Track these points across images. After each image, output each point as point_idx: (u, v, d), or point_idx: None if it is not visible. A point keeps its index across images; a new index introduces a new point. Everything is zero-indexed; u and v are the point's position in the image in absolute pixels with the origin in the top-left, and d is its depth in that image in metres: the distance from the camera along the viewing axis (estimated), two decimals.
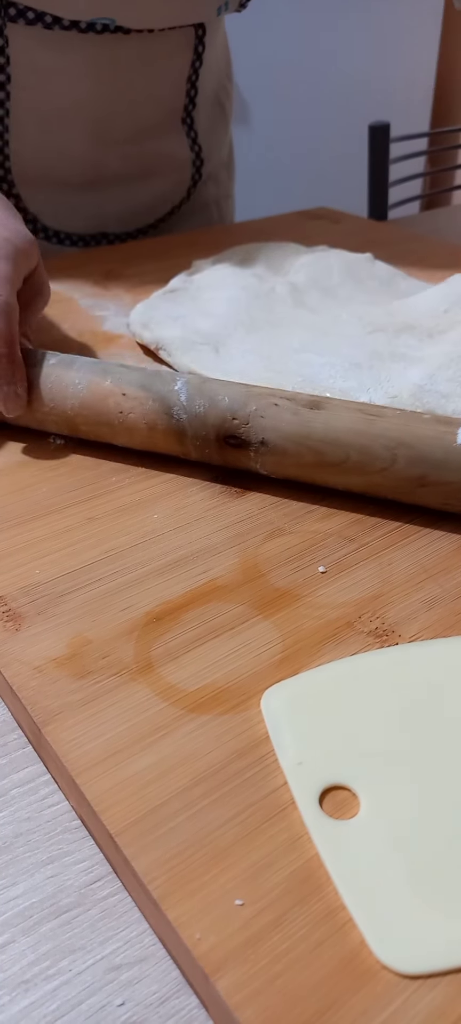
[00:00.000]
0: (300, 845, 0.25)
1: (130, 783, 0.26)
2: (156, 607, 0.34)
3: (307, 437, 0.40)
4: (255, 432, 0.41)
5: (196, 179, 0.88)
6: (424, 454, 0.38)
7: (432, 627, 0.33)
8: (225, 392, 0.42)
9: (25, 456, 0.45)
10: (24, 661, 0.31)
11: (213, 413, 0.42)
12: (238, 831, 0.25)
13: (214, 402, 0.42)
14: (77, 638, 0.32)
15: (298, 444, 0.40)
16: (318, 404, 0.41)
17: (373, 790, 0.26)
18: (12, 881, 0.25)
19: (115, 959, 0.23)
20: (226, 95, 0.91)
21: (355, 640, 0.32)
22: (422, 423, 0.39)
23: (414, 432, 0.38)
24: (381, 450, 0.39)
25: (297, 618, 0.33)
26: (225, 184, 0.96)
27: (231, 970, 0.22)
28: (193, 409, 0.42)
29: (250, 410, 0.41)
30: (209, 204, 0.93)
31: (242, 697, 0.30)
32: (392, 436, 0.39)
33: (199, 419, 0.42)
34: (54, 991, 0.23)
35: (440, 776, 0.26)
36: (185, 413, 0.42)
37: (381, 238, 0.83)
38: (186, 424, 0.42)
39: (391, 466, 0.39)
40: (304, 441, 0.40)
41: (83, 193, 0.80)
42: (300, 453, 0.40)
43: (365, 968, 0.22)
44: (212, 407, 0.42)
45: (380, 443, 0.39)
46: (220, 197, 0.95)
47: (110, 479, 0.43)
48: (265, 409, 0.41)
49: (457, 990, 0.21)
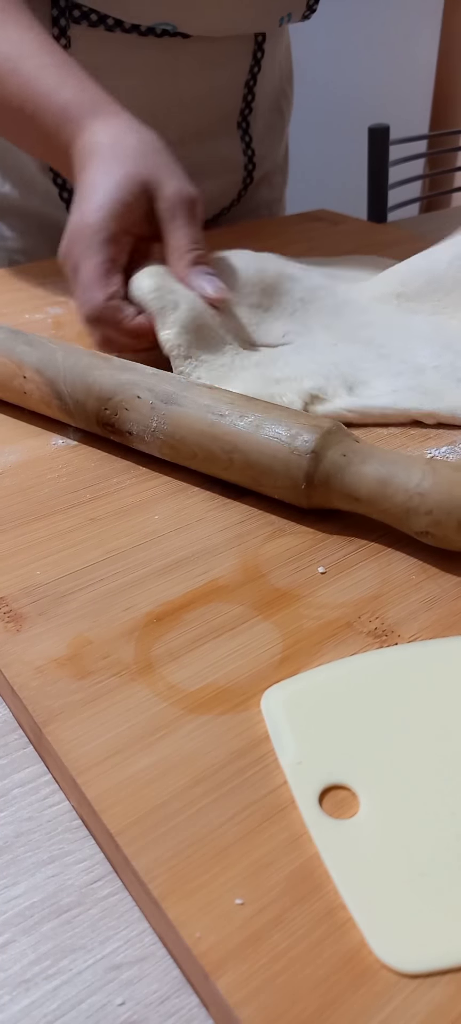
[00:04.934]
0: (300, 844, 0.25)
1: (130, 783, 0.27)
2: (157, 607, 0.34)
3: (162, 432, 0.42)
4: (122, 423, 0.43)
5: (247, 182, 0.88)
6: (253, 460, 0.39)
7: (432, 627, 0.33)
8: (98, 379, 0.44)
9: (27, 457, 0.45)
10: (25, 661, 0.31)
11: (90, 401, 0.44)
12: (238, 830, 0.25)
13: (89, 389, 0.44)
14: (78, 638, 0.32)
15: (155, 438, 0.42)
16: (173, 399, 0.42)
17: (373, 789, 0.26)
18: (13, 880, 0.25)
19: (115, 958, 0.23)
20: (286, 100, 0.91)
21: (355, 640, 0.33)
22: (257, 427, 0.39)
23: (246, 438, 0.39)
24: (220, 452, 0.40)
25: (297, 618, 0.34)
26: (279, 188, 0.96)
27: (231, 969, 0.22)
28: (75, 395, 0.45)
29: (117, 400, 0.43)
30: (260, 207, 0.93)
31: (242, 697, 0.30)
32: (228, 440, 0.40)
33: (80, 405, 0.45)
34: (54, 990, 0.23)
35: (440, 776, 0.27)
36: (70, 399, 0.45)
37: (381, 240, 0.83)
38: (72, 409, 0.45)
39: (230, 466, 0.40)
40: (159, 436, 0.42)
41: None
42: (159, 446, 0.42)
43: (365, 967, 0.22)
44: (88, 395, 0.44)
45: (218, 445, 0.40)
46: (272, 201, 0.95)
47: (111, 480, 0.43)
48: (129, 401, 0.43)
49: (456, 989, 0.21)
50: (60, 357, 0.46)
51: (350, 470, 0.37)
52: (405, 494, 0.36)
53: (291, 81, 0.93)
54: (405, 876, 0.24)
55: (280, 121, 0.91)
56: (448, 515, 0.35)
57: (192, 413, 0.41)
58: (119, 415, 0.43)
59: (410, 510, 0.36)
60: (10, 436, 0.47)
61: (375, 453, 0.38)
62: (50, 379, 0.45)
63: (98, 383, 0.44)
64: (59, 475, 0.43)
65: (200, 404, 0.41)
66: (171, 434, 0.41)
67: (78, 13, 0.70)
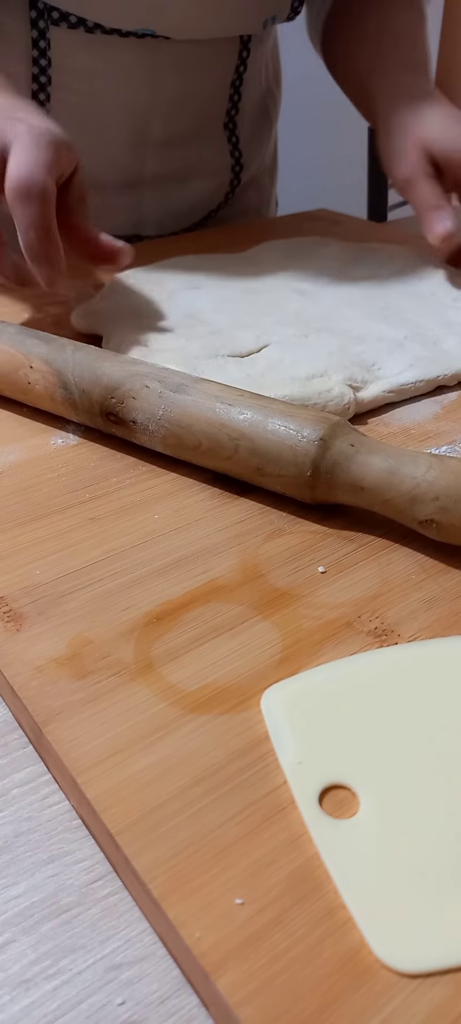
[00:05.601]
0: (300, 844, 0.25)
1: (130, 783, 0.27)
2: (156, 607, 0.34)
3: (168, 420, 0.42)
4: (127, 411, 0.43)
5: (235, 184, 0.87)
6: (259, 447, 0.40)
7: (431, 627, 0.33)
8: (107, 370, 0.44)
9: (26, 456, 0.45)
10: (25, 661, 0.31)
11: (96, 390, 0.44)
12: (238, 830, 0.25)
13: (97, 379, 0.44)
14: (78, 638, 0.32)
15: (160, 426, 0.42)
16: (183, 388, 0.42)
17: (373, 789, 0.26)
18: (13, 880, 0.25)
19: (115, 958, 0.23)
20: (273, 101, 0.91)
21: (355, 640, 0.33)
22: (265, 415, 0.40)
23: (253, 425, 0.40)
24: (226, 439, 0.41)
25: (297, 618, 0.34)
26: (267, 190, 0.96)
27: (231, 968, 0.22)
28: (82, 385, 0.45)
29: (124, 390, 0.43)
30: (249, 210, 0.93)
31: (242, 697, 0.30)
32: (235, 427, 0.40)
33: (86, 395, 0.45)
34: (54, 990, 0.23)
35: (440, 775, 0.27)
36: (76, 389, 0.45)
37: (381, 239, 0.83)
38: (77, 400, 0.45)
39: (234, 455, 0.40)
40: (165, 424, 0.42)
41: (120, 195, 0.80)
42: (164, 435, 0.43)
43: (365, 967, 0.22)
44: (96, 384, 0.44)
45: (225, 432, 0.41)
46: (261, 203, 0.95)
47: (111, 480, 0.43)
48: (137, 391, 0.43)
49: (456, 989, 0.21)
50: (70, 350, 0.46)
51: (357, 459, 0.38)
52: (412, 481, 0.36)
53: (279, 81, 0.93)
54: (405, 876, 0.24)
55: (267, 122, 0.90)
56: (455, 503, 0.35)
57: (201, 401, 0.42)
58: (125, 404, 0.43)
59: (416, 497, 0.36)
60: (10, 435, 0.47)
61: (382, 446, 0.39)
62: (58, 369, 0.46)
63: (107, 373, 0.44)
64: (59, 474, 0.43)
65: (209, 394, 0.42)
66: (177, 421, 0.42)
67: (57, 15, 0.70)
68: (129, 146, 0.78)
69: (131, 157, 0.79)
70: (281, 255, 0.71)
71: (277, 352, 0.52)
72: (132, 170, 0.79)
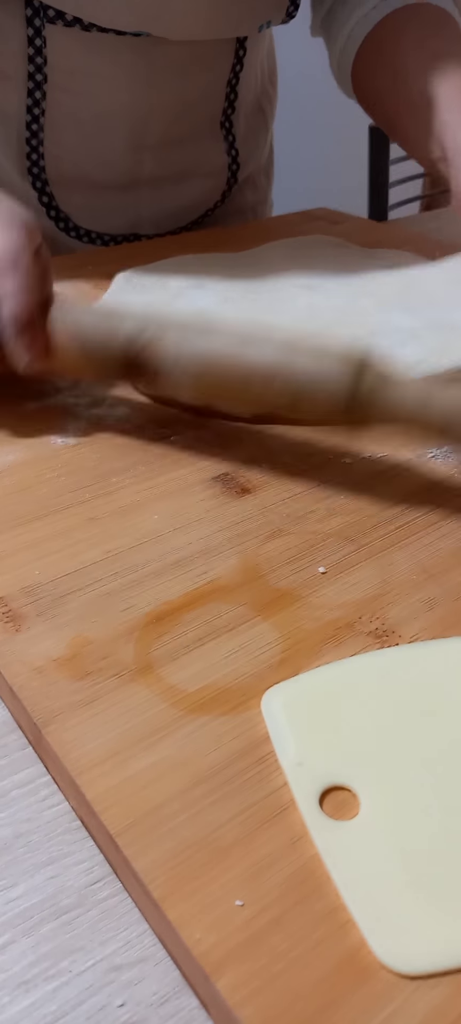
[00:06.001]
0: (300, 845, 0.25)
1: (130, 783, 0.26)
2: (156, 608, 0.34)
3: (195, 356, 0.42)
4: (150, 357, 0.43)
5: (231, 183, 0.87)
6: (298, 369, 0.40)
7: (432, 627, 0.33)
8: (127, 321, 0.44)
9: (26, 456, 0.45)
10: (24, 662, 0.31)
11: (118, 338, 0.44)
12: (238, 831, 0.25)
13: (122, 325, 0.44)
14: (77, 639, 0.32)
15: (185, 367, 0.42)
16: (211, 329, 0.43)
17: (373, 790, 0.26)
18: (12, 882, 0.25)
19: (115, 959, 0.23)
20: (268, 101, 0.91)
21: (355, 641, 0.32)
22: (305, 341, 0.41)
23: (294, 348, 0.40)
24: (257, 377, 0.41)
25: (297, 619, 0.34)
26: (263, 189, 0.96)
27: (231, 970, 0.22)
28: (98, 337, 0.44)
29: (150, 332, 0.43)
30: (246, 209, 0.93)
31: (242, 698, 0.30)
32: (265, 363, 0.41)
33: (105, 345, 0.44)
34: (54, 992, 0.23)
35: (440, 776, 0.26)
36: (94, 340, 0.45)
37: (381, 239, 0.83)
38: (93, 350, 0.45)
39: (270, 385, 0.41)
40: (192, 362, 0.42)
41: (117, 194, 0.80)
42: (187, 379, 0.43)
43: (365, 967, 0.22)
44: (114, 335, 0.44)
45: (255, 370, 0.41)
46: (257, 203, 0.95)
47: (111, 480, 0.43)
48: (163, 330, 0.43)
49: (456, 990, 0.21)
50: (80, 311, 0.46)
51: (394, 380, 0.39)
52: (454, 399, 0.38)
53: (275, 81, 0.93)
54: (405, 877, 0.24)
55: (263, 121, 0.90)
56: None
57: (235, 330, 0.42)
58: (149, 348, 0.43)
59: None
60: (10, 435, 0.47)
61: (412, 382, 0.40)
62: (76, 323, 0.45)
63: (131, 320, 0.44)
64: (58, 474, 0.43)
65: (242, 330, 0.42)
66: (204, 355, 0.42)
67: (53, 12, 0.70)
68: (126, 146, 0.78)
69: (128, 157, 0.78)
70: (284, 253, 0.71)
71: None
72: (129, 170, 0.79)
